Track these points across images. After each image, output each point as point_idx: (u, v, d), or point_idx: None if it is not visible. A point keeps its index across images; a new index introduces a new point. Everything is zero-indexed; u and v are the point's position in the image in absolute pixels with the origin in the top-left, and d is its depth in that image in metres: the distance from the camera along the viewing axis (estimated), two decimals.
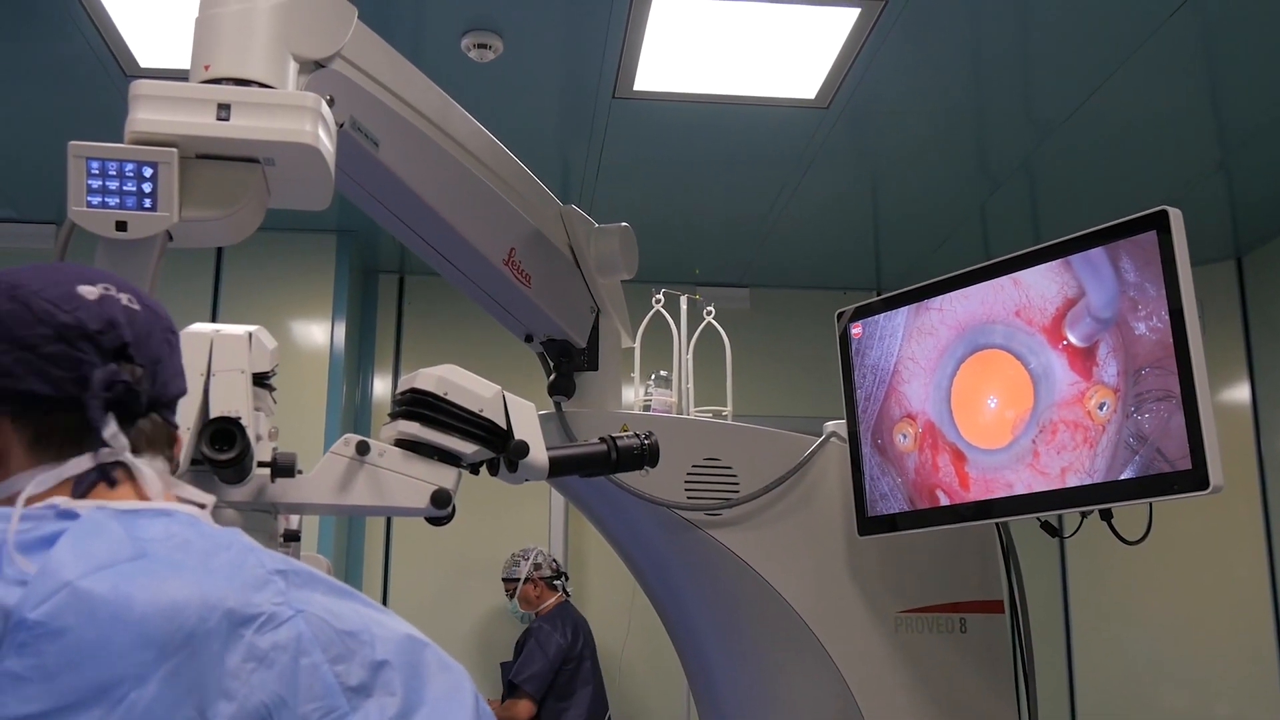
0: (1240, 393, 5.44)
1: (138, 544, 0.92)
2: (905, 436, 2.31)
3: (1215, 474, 1.87)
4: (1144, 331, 1.95)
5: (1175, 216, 1.96)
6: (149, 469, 1.01)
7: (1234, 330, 5.47)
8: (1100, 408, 2.00)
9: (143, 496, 1.00)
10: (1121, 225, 2.02)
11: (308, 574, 0.97)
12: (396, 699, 0.92)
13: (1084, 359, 2.03)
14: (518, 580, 5.12)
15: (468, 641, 5.43)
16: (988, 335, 2.19)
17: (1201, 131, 4.30)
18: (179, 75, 1.47)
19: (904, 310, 2.34)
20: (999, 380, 2.16)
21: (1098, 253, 2.03)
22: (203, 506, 1.03)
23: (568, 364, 2.34)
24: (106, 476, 0.99)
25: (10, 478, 0.98)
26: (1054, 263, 2.09)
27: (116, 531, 0.92)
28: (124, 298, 1.02)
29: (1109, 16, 3.52)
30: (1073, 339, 2.06)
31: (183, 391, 1.08)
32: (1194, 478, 1.89)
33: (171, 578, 0.89)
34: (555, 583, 5.17)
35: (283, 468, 1.41)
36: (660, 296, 2.74)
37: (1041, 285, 2.11)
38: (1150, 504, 2.01)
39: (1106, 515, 2.08)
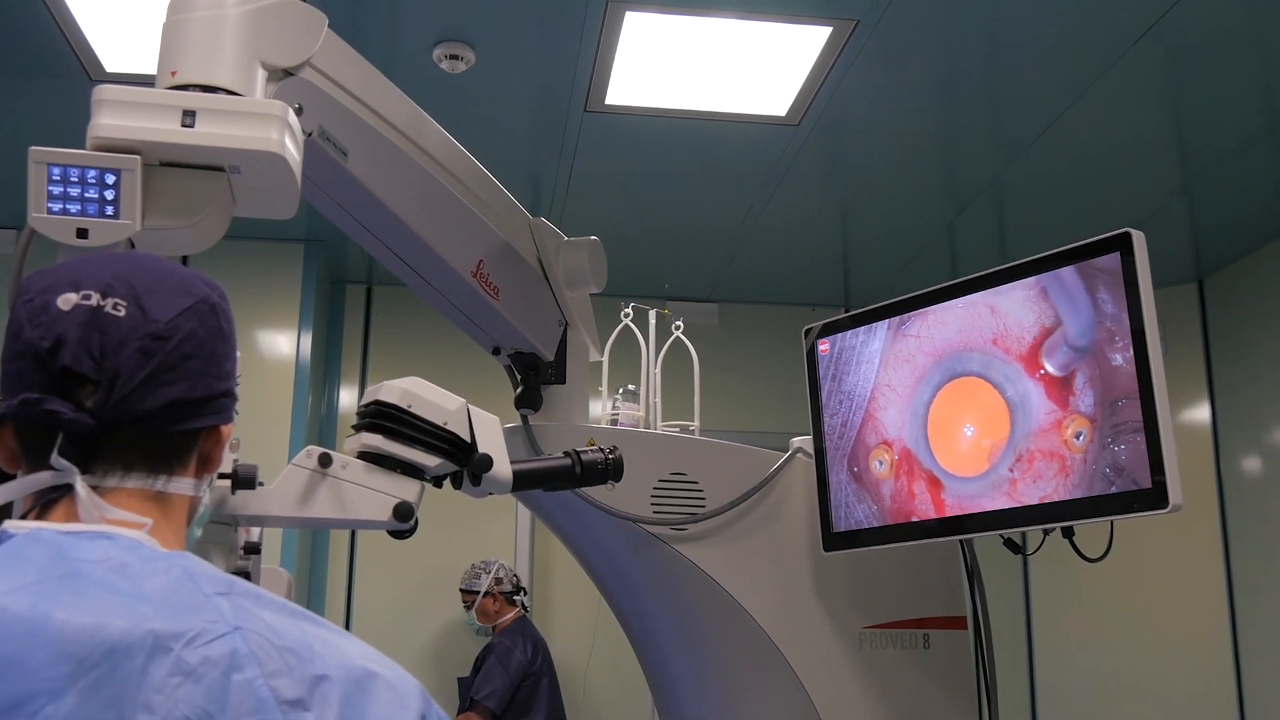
0: (1200, 413, 5.49)
1: (70, 564, 0.92)
2: (881, 463, 2.31)
3: (1175, 493, 1.89)
4: (1120, 362, 1.96)
5: (1138, 239, 1.98)
6: (85, 491, 0.99)
7: (1195, 352, 5.53)
8: (1077, 437, 2.01)
9: (76, 519, 0.99)
10: (1087, 246, 2.04)
11: (254, 594, 0.97)
12: (334, 711, 0.91)
13: (1061, 388, 2.04)
14: (477, 593, 5.10)
15: (430, 655, 5.40)
16: (965, 363, 2.19)
17: (1165, 156, 4.34)
18: (145, 80, 1.46)
19: (881, 336, 2.33)
20: (976, 408, 2.17)
21: (1074, 282, 2.04)
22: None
23: (535, 377, 2.33)
24: (58, 496, 1.00)
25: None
26: (1031, 292, 2.09)
27: (46, 552, 0.93)
28: (109, 303, 1.01)
29: (1075, 42, 3.55)
30: (1050, 368, 2.06)
31: (159, 403, 1.02)
32: (1154, 496, 1.90)
33: (97, 597, 0.89)
34: (515, 598, 5.15)
35: (243, 479, 1.40)
36: (629, 310, 2.74)
37: (1019, 314, 2.11)
38: (1111, 522, 2.03)
39: (1069, 533, 2.09)
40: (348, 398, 5.68)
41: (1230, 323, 5.39)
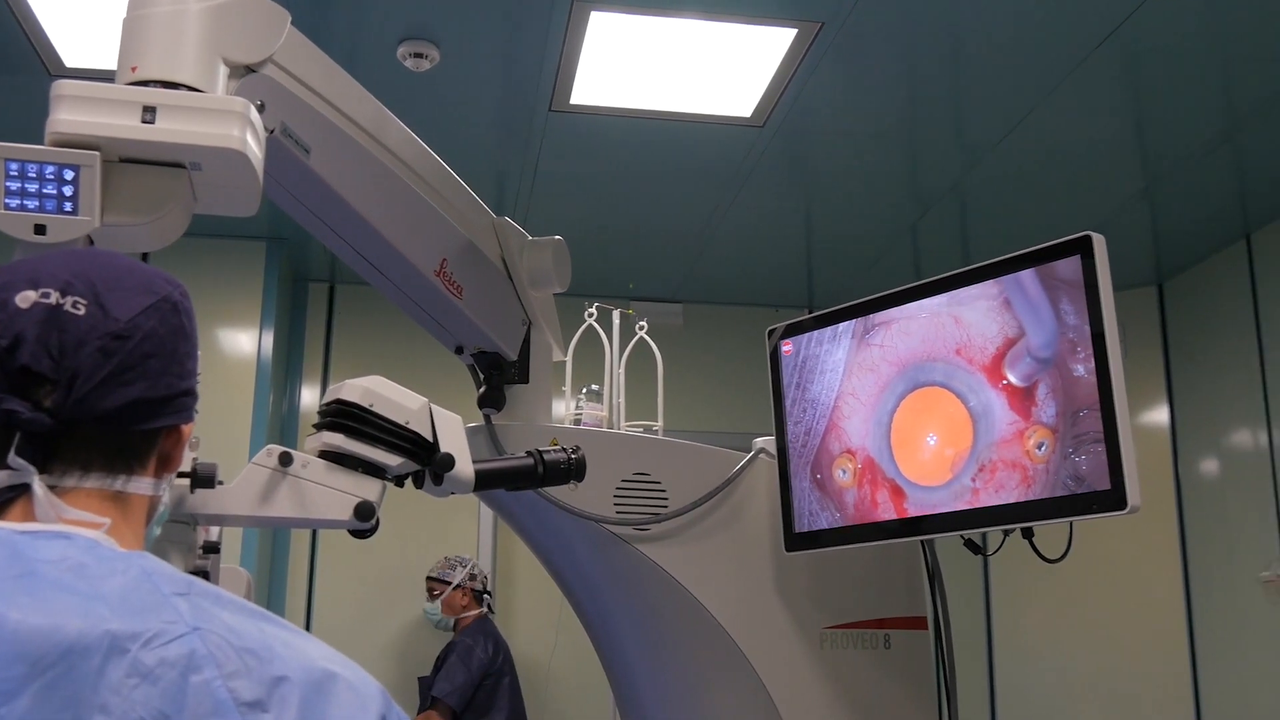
0: (1159, 416, 5.55)
1: (27, 564, 0.91)
2: (845, 472, 2.32)
3: (1133, 494, 1.91)
4: (1083, 373, 1.98)
5: (1099, 242, 2.00)
6: (42, 491, 0.98)
7: (1154, 355, 5.58)
8: (1039, 448, 2.03)
9: (33, 519, 0.98)
10: (1048, 249, 2.05)
11: (214, 594, 0.96)
12: (293, 713, 0.90)
13: (1023, 399, 2.06)
14: (448, 584, 5.09)
15: (391, 655, 5.37)
16: (928, 373, 2.20)
17: (1126, 160, 4.38)
18: (106, 76, 1.45)
19: (845, 345, 2.34)
20: (939, 418, 2.18)
21: (1037, 292, 2.05)
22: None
23: (498, 376, 2.33)
24: (15, 496, 0.99)
25: None
26: (994, 302, 2.10)
27: (2, 552, 0.92)
28: (69, 302, 1.00)
29: (1038, 46, 3.58)
30: (1012, 379, 2.08)
31: (119, 403, 1.01)
32: (1112, 498, 1.92)
33: (54, 598, 0.88)
34: (483, 597, 5.15)
35: (202, 478, 1.39)
36: (593, 310, 2.74)
37: (982, 324, 2.13)
38: (1070, 523, 2.05)
39: (1028, 534, 2.11)
40: (309, 396, 5.65)
41: (1189, 326, 5.45)
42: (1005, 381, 2.08)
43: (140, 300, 1.03)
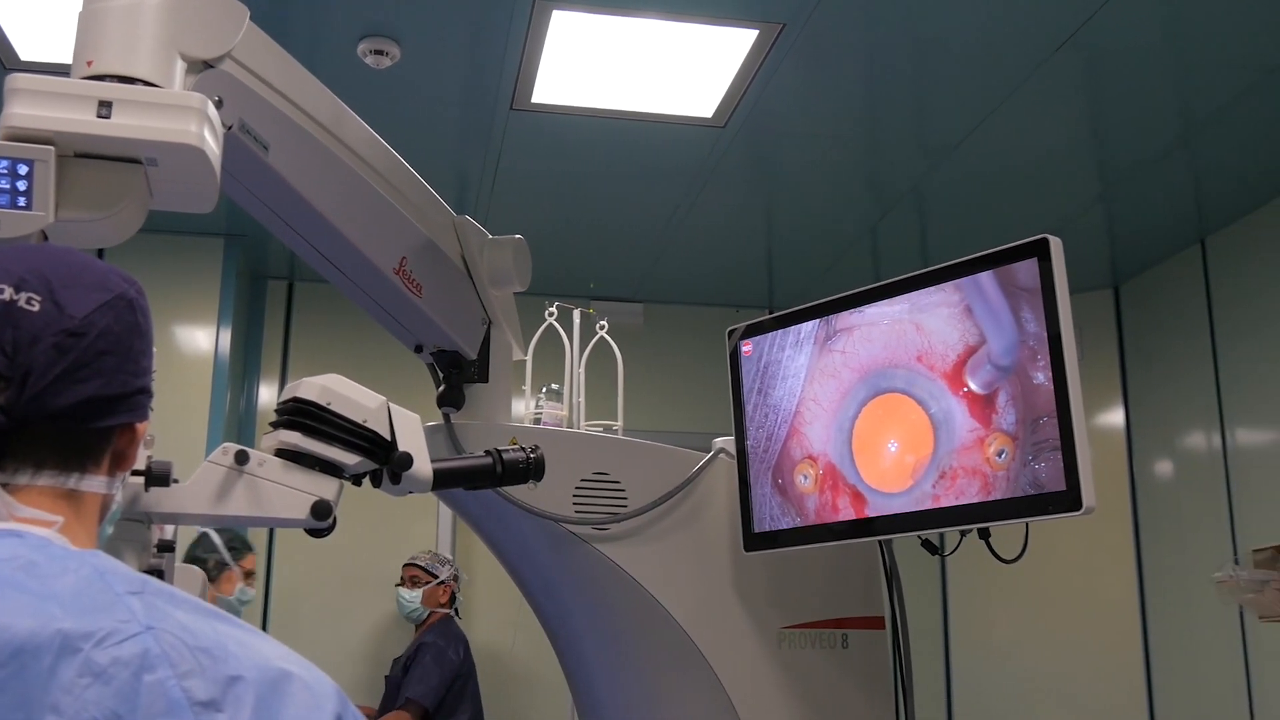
0: (1115, 417, 5.60)
1: None
2: (806, 478, 2.33)
3: (1088, 495, 1.92)
4: (1043, 380, 1.99)
5: (1055, 245, 2.02)
6: None
7: (1110, 357, 5.63)
8: (999, 455, 2.04)
9: None
10: (1005, 251, 2.07)
11: (168, 593, 0.95)
12: (248, 713, 0.90)
13: (984, 406, 2.07)
14: (434, 576, 5.06)
15: (352, 654, 5.34)
16: (890, 379, 2.21)
17: (1084, 164, 4.43)
18: (61, 70, 1.43)
19: (807, 351, 2.35)
20: (900, 424, 2.19)
21: (998, 299, 2.07)
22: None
23: (458, 375, 2.32)
24: None
25: None
26: (955, 309, 2.12)
27: None
28: (23, 298, 0.99)
29: (998, 49, 3.61)
30: (973, 386, 2.09)
31: (73, 400, 1.00)
32: (1068, 499, 1.94)
33: (4, 596, 0.87)
34: (455, 598, 5.14)
35: (157, 476, 1.37)
36: (554, 310, 2.73)
37: (944, 331, 2.14)
38: (1027, 524, 2.06)
39: (984, 534, 2.13)
40: (268, 394, 5.61)
41: (1145, 328, 5.51)
42: (966, 389, 2.10)
43: (96, 297, 1.02)
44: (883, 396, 2.22)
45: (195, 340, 5.00)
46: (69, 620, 0.87)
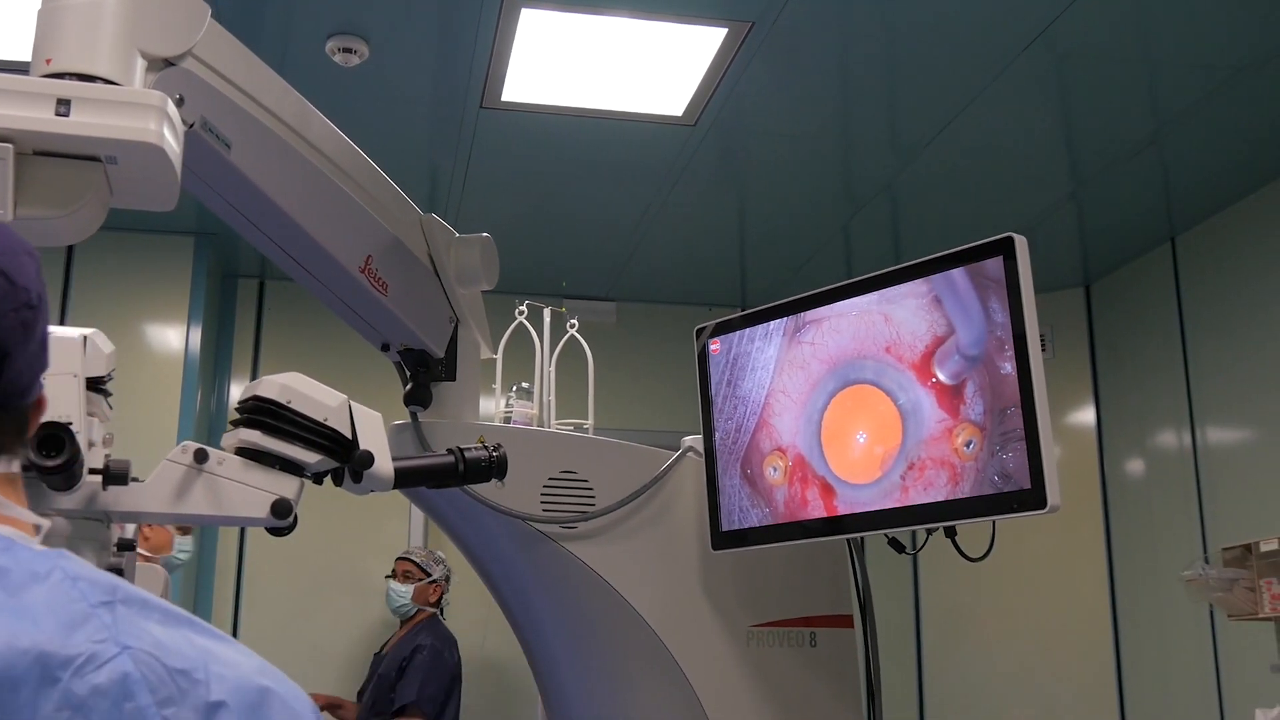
0: (1086, 416, 5.63)
1: None
2: (775, 470, 2.33)
3: (1053, 494, 1.93)
4: (1010, 371, 2.00)
5: (1020, 243, 2.03)
6: None
7: (1081, 355, 5.66)
8: (967, 445, 2.05)
9: None
10: (972, 250, 2.08)
11: (139, 601, 0.90)
12: None
13: (952, 397, 2.08)
14: (427, 574, 5.03)
15: (319, 657, 5.32)
16: (859, 370, 2.22)
17: (1054, 162, 4.45)
18: (20, 68, 1.42)
19: (776, 343, 2.35)
20: (869, 415, 2.19)
21: (967, 291, 2.08)
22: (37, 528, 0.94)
23: (425, 374, 2.32)
24: None
25: None
26: (924, 300, 2.13)
27: None
28: None
29: (969, 47, 3.62)
30: (941, 376, 2.10)
31: (32, 377, 0.95)
32: (1033, 497, 1.95)
33: None
34: (445, 599, 5.12)
35: (115, 475, 1.37)
36: (524, 308, 2.73)
37: (912, 322, 2.15)
38: (993, 522, 2.07)
39: (950, 533, 2.13)
40: (239, 393, 5.55)
41: (1116, 327, 5.54)
42: (934, 379, 2.10)
43: (28, 262, 0.96)
44: (852, 388, 2.23)
45: (166, 339, 4.97)
46: (45, 641, 0.82)
